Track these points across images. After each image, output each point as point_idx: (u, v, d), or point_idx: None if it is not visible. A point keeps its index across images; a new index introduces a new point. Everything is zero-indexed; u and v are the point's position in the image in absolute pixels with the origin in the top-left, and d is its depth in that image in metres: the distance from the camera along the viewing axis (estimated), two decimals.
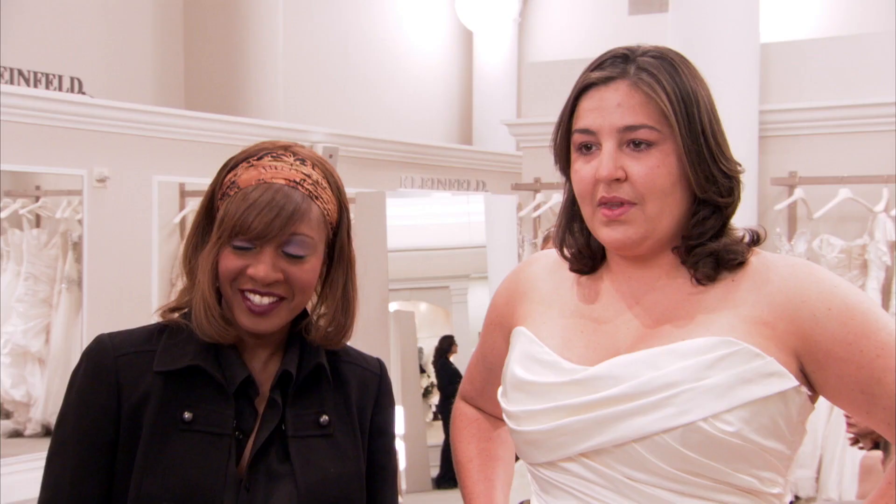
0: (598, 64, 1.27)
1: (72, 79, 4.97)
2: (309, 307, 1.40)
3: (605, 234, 1.26)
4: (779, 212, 4.62)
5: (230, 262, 1.31)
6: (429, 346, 7.08)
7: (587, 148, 1.26)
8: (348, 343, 1.46)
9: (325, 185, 1.35)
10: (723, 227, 1.27)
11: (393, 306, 5.28)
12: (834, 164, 4.58)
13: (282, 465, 1.33)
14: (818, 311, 1.20)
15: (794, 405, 1.21)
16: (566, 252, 1.36)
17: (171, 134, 4.85)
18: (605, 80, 1.25)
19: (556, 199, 5.26)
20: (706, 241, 1.25)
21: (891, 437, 1.23)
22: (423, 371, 6.96)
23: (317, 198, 1.33)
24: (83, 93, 4.94)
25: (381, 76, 8.54)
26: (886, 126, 4.52)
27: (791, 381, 1.19)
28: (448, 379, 6.35)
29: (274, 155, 1.34)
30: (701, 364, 1.18)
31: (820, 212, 4.47)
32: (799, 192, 4.59)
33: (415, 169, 6.45)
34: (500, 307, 1.45)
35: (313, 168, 1.35)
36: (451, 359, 6.39)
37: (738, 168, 1.28)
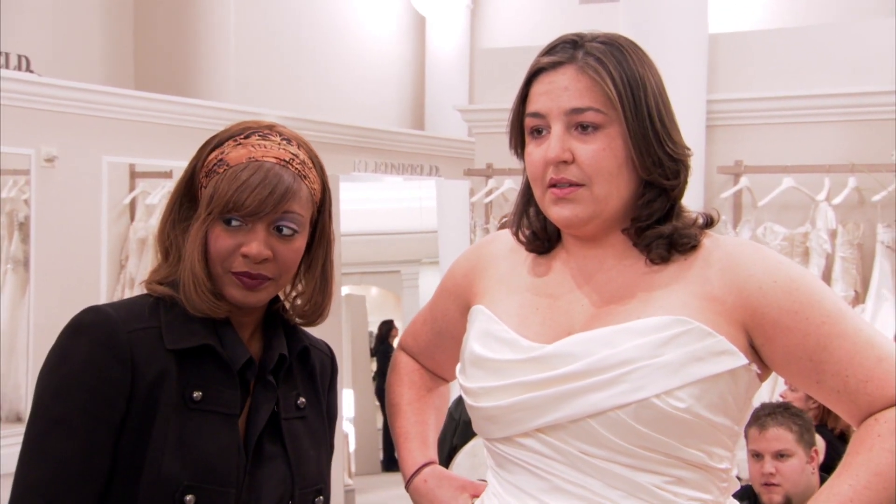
0: (549, 49, 1.31)
1: (19, 56, 4.88)
2: (285, 289, 1.42)
3: (555, 212, 1.29)
4: (725, 199, 4.71)
5: (222, 240, 1.31)
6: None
7: (538, 132, 1.30)
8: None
9: (311, 165, 1.37)
10: (671, 209, 1.31)
11: (344, 290, 5.29)
12: (778, 153, 4.68)
13: (273, 446, 1.34)
14: (764, 284, 1.25)
15: (743, 383, 1.26)
16: (521, 235, 1.39)
17: (120, 114, 4.79)
18: (555, 65, 1.28)
19: (508, 184, 5.30)
20: (654, 222, 1.29)
21: (840, 407, 1.28)
22: (373, 355, 6.96)
23: (305, 177, 1.35)
24: (31, 71, 4.86)
25: (333, 60, 8.50)
26: (830, 117, 4.63)
27: (741, 360, 1.24)
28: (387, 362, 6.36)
29: (261, 134, 1.35)
30: (655, 342, 1.22)
31: (764, 200, 4.56)
32: (744, 181, 4.68)
33: (368, 153, 6.45)
34: (457, 277, 1.48)
35: (299, 148, 1.37)
36: (393, 343, 6.41)
37: (686, 152, 1.31)
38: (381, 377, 6.44)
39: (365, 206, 6.09)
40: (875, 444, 1.22)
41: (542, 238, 1.38)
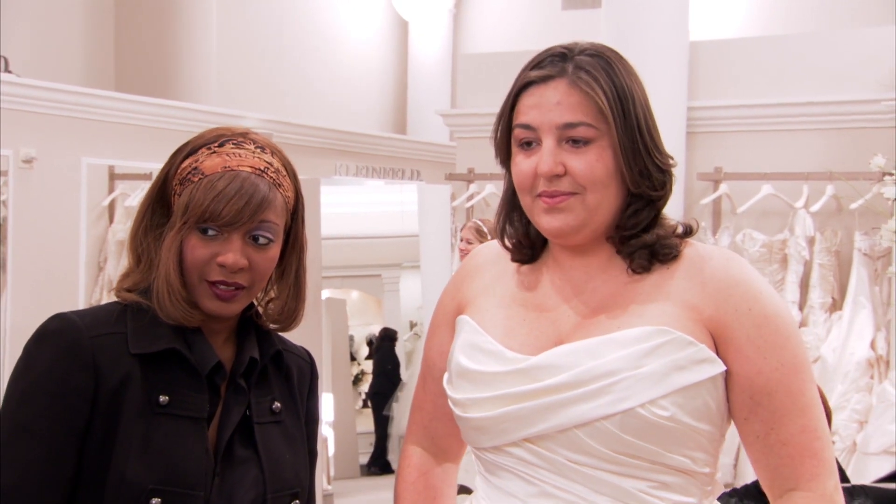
0: (538, 63, 1.31)
1: None
2: (259, 295, 1.42)
3: (545, 221, 1.30)
4: (704, 206, 4.74)
5: (198, 250, 1.31)
6: (360, 333, 7.08)
7: (528, 144, 1.30)
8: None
9: (285, 172, 1.37)
10: (655, 217, 1.32)
11: (325, 294, 5.27)
12: (758, 160, 4.71)
13: (245, 450, 1.34)
14: (740, 307, 1.27)
15: (723, 389, 1.28)
16: (507, 242, 1.40)
17: (100, 116, 4.77)
18: (545, 79, 1.29)
19: (490, 189, 5.31)
20: (639, 232, 1.31)
21: (752, 454, 1.31)
22: (353, 359, 6.96)
23: (279, 185, 1.35)
24: (9, 72, 4.83)
25: (315, 63, 8.50)
26: (809, 125, 4.66)
27: (720, 367, 1.26)
28: (394, 364, 6.33)
29: (235, 142, 1.35)
30: (638, 353, 1.24)
31: (743, 207, 4.59)
32: (724, 188, 4.71)
33: (349, 157, 6.44)
34: (446, 306, 1.48)
35: (273, 156, 1.36)
36: (395, 346, 6.41)
37: (671, 162, 1.33)
38: (373, 377, 6.40)
39: (346, 209, 6.08)
40: None
41: (525, 245, 1.39)
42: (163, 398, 1.29)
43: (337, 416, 5.68)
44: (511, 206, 1.38)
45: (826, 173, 4.43)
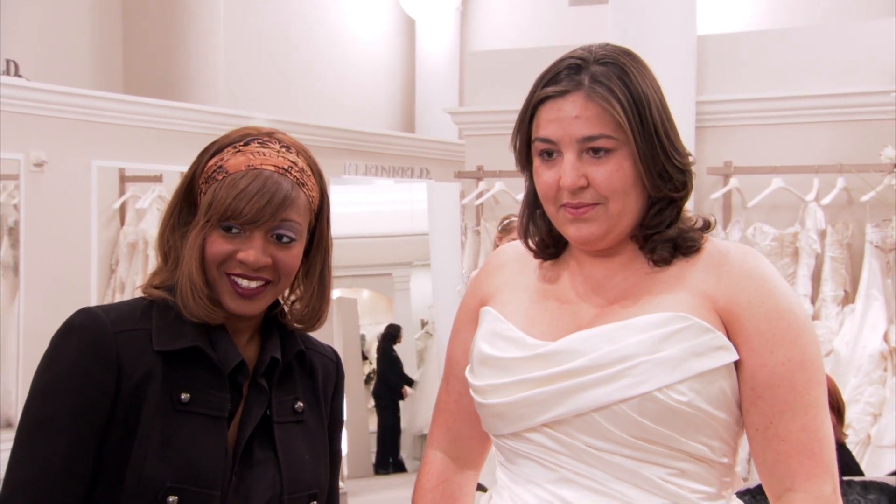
0: (553, 77, 1.32)
1: (7, 61, 4.86)
2: (284, 294, 1.42)
3: (572, 231, 1.33)
4: (714, 200, 4.73)
5: (219, 245, 1.32)
6: (371, 333, 7.09)
7: (548, 154, 1.32)
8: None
9: (310, 172, 1.38)
10: (677, 214, 1.35)
11: (336, 293, 5.29)
12: (767, 154, 4.69)
13: (264, 450, 1.34)
14: (753, 300, 1.28)
15: (736, 378, 1.29)
16: (530, 242, 1.42)
17: (110, 118, 4.79)
18: (562, 94, 1.30)
19: (499, 186, 5.31)
20: (663, 228, 1.33)
21: (752, 446, 1.31)
22: (365, 358, 6.97)
23: (303, 185, 1.35)
24: (20, 76, 4.84)
25: (323, 63, 8.51)
26: (818, 117, 4.65)
27: (734, 355, 1.28)
28: (389, 364, 6.37)
29: (260, 141, 1.36)
30: (656, 338, 1.26)
31: (754, 201, 4.58)
32: (734, 182, 4.70)
33: (358, 156, 6.45)
34: (468, 304, 1.49)
35: (298, 156, 1.37)
36: (395, 347, 6.41)
37: (690, 160, 1.36)
38: (377, 377, 6.42)
39: (356, 209, 6.08)
40: None
41: (549, 244, 1.41)
42: (184, 396, 1.29)
43: (349, 415, 5.69)
44: (533, 206, 1.41)
45: (836, 166, 4.41)
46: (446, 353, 1.53)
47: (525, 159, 1.37)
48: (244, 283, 1.32)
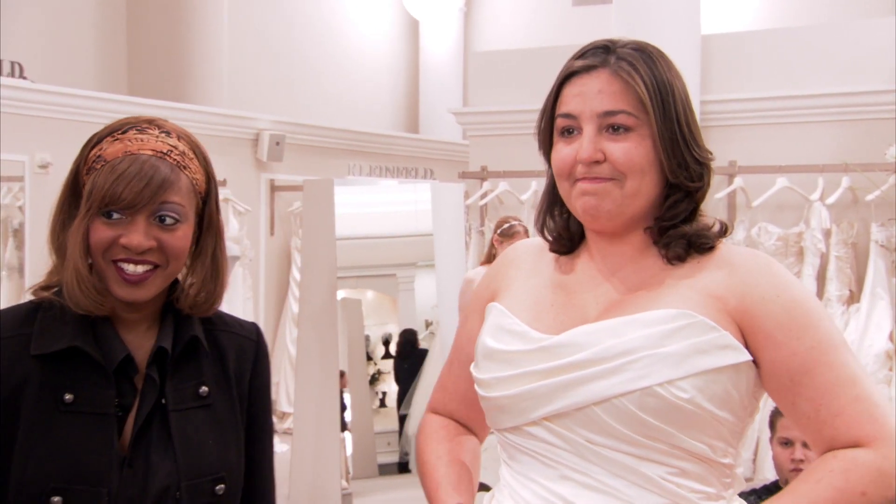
0: (581, 54, 1.35)
1: (12, 63, 4.87)
2: (181, 279, 1.42)
3: (582, 202, 1.32)
4: (719, 200, 4.72)
5: (102, 232, 1.31)
6: (375, 333, 7.09)
7: (569, 132, 1.33)
8: (237, 317, 1.49)
9: (192, 155, 1.38)
10: (693, 211, 1.35)
11: (340, 294, 5.28)
12: (772, 153, 4.69)
13: (160, 440, 1.34)
14: (767, 294, 1.28)
15: (747, 379, 1.28)
16: (547, 235, 1.42)
17: (114, 120, 4.79)
18: (588, 69, 1.32)
19: (503, 187, 5.31)
20: (678, 223, 1.33)
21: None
22: (369, 359, 6.97)
23: (185, 167, 1.35)
24: (24, 78, 4.85)
25: (327, 64, 8.52)
26: (823, 117, 4.65)
27: (744, 356, 1.27)
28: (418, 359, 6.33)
29: (139, 128, 1.36)
30: (660, 333, 1.25)
31: (758, 200, 4.58)
32: (738, 181, 4.69)
33: (362, 157, 6.45)
34: (480, 294, 1.50)
35: (179, 140, 1.37)
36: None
37: (710, 156, 1.35)
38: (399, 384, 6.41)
39: (359, 209, 6.08)
40: (824, 479, 1.25)
41: (565, 238, 1.41)
42: (68, 396, 1.29)
43: (354, 416, 5.69)
44: (552, 199, 1.41)
45: (841, 165, 4.41)
46: (454, 339, 1.55)
47: (548, 143, 1.38)
48: (130, 268, 1.32)
